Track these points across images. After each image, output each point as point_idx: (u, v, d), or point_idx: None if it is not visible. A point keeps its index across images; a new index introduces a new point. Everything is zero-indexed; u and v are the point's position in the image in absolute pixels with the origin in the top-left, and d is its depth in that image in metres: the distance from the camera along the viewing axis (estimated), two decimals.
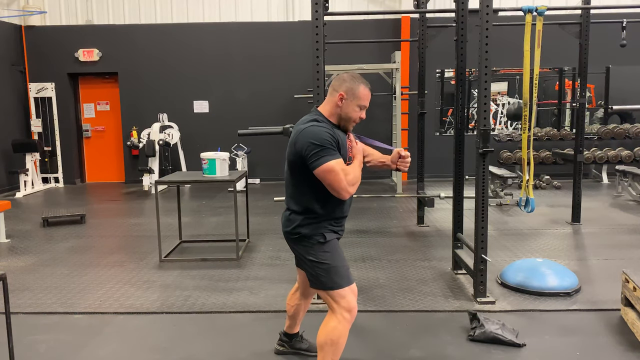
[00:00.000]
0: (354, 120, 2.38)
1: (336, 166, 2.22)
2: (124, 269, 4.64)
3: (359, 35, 9.03)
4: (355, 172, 2.32)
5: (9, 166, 9.23)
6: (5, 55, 9.44)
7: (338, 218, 2.46)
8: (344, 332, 2.37)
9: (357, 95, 2.34)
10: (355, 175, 2.30)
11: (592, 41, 5.73)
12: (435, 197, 5.84)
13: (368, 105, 2.37)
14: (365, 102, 2.35)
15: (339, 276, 2.38)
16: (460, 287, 3.98)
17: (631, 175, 7.43)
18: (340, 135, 2.37)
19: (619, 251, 4.90)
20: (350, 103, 2.34)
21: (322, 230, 2.40)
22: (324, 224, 2.41)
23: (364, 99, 2.35)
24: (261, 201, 7.72)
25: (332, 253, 2.40)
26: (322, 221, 2.41)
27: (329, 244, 2.41)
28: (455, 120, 4.39)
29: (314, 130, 2.26)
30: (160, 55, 9.93)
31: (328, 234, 2.41)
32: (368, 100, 2.36)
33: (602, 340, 3.07)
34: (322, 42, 3.61)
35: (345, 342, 2.41)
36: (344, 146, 2.36)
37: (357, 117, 2.38)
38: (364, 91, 2.34)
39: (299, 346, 2.96)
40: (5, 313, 2.50)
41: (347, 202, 2.47)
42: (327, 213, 2.40)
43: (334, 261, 2.39)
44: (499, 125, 11.10)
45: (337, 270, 2.38)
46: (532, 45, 3.77)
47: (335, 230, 2.47)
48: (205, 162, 4.97)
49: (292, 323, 2.91)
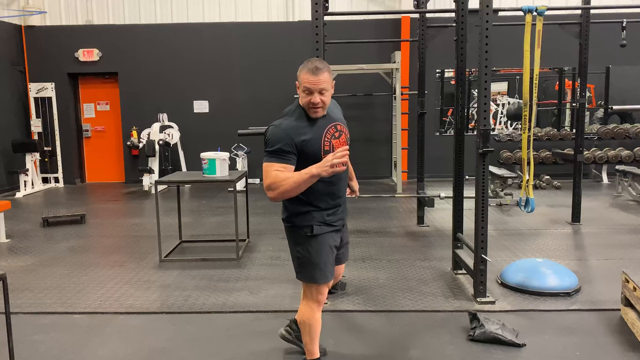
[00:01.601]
0: (307, 106, 2.33)
1: (268, 168, 2.28)
2: (124, 269, 4.64)
3: (359, 35, 9.03)
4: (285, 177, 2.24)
5: (9, 166, 9.23)
6: (5, 55, 9.44)
7: (327, 209, 2.46)
8: (312, 316, 2.54)
9: (300, 80, 2.33)
10: (281, 181, 2.23)
11: (592, 41, 5.72)
12: (435, 197, 5.84)
13: (316, 88, 2.27)
14: (308, 84, 2.27)
15: (318, 272, 2.46)
16: (460, 287, 3.98)
17: (631, 175, 7.43)
18: (308, 129, 2.34)
19: (619, 251, 4.90)
20: (299, 90, 2.34)
21: (312, 221, 2.43)
22: (314, 214, 2.43)
23: (305, 82, 2.29)
24: (261, 201, 7.72)
25: (317, 249, 2.44)
26: (311, 211, 2.43)
27: (317, 239, 2.44)
28: (455, 120, 4.39)
29: (271, 131, 2.34)
30: (160, 55, 9.93)
31: (317, 227, 2.43)
32: (311, 83, 2.27)
33: (602, 340, 3.07)
34: (322, 42, 3.61)
35: (318, 326, 2.58)
36: (314, 138, 2.34)
37: (307, 102, 2.31)
38: (304, 75, 2.30)
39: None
40: (5, 313, 2.50)
41: (332, 193, 2.46)
42: (310, 202, 2.42)
43: (317, 258, 2.45)
44: (499, 125, 11.09)
45: (319, 267, 2.45)
46: (532, 45, 3.78)
47: (329, 222, 2.47)
48: (205, 162, 4.97)
49: None
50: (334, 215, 2.50)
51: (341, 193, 2.54)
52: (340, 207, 2.54)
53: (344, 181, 2.55)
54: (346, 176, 2.59)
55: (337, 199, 2.51)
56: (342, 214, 2.57)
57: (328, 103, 2.38)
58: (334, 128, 2.45)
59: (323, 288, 2.52)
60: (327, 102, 2.36)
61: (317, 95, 2.29)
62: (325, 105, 2.36)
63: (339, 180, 2.47)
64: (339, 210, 2.54)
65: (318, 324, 2.57)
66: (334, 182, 2.43)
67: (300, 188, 2.25)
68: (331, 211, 2.48)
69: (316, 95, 2.29)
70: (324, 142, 2.38)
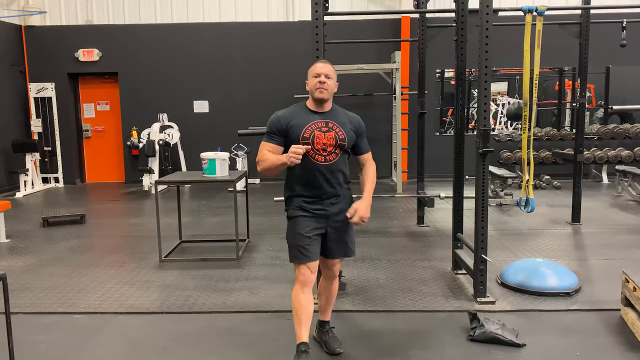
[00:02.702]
0: (315, 86, 2.69)
1: (261, 146, 2.75)
2: (124, 269, 4.64)
3: (359, 35, 9.02)
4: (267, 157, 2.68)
5: (9, 166, 9.23)
6: (5, 55, 9.44)
7: (306, 196, 2.72)
8: (295, 297, 2.74)
9: (310, 72, 2.74)
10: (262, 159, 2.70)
11: (592, 41, 5.73)
12: (435, 197, 5.84)
13: (323, 72, 2.69)
14: (317, 70, 2.70)
15: (291, 251, 2.75)
16: (460, 287, 3.98)
17: (631, 175, 7.44)
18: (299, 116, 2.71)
19: (619, 251, 4.90)
20: (309, 79, 2.74)
21: (292, 205, 2.77)
22: (293, 199, 2.77)
23: (315, 70, 2.72)
24: (261, 201, 7.72)
25: (291, 230, 2.76)
26: (292, 196, 2.78)
27: (292, 221, 2.76)
28: (455, 120, 4.38)
29: (270, 117, 2.78)
30: (160, 55, 9.93)
31: (294, 211, 2.75)
32: (320, 69, 2.70)
33: (602, 340, 3.07)
34: (322, 42, 3.61)
35: (300, 306, 2.72)
36: (299, 125, 2.68)
37: (315, 83, 2.69)
38: (314, 66, 2.75)
39: (320, 337, 3.04)
40: (5, 313, 2.50)
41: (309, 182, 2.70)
42: (292, 188, 2.77)
43: (291, 238, 2.75)
44: (499, 125, 11.10)
45: (293, 246, 2.74)
46: (532, 45, 3.78)
47: (305, 208, 2.72)
48: (205, 162, 4.97)
49: (321, 309, 3.05)
50: (313, 204, 2.73)
51: (322, 186, 2.71)
52: (323, 199, 2.73)
53: (328, 175, 2.71)
54: (331, 172, 2.71)
55: (317, 189, 2.71)
56: (325, 205, 2.73)
57: (332, 89, 2.70)
58: (325, 123, 2.71)
59: (300, 268, 2.73)
60: (331, 88, 2.70)
61: (324, 76, 2.68)
62: (329, 89, 2.69)
63: (314, 172, 2.69)
64: (322, 201, 2.73)
65: (301, 306, 2.72)
66: (309, 172, 2.69)
67: (276, 168, 2.66)
68: (310, 200, 2.73)
69: (323, 76, 2.68)
70: (307, 129, 2.68)
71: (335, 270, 2.92)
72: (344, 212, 2.75)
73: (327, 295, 3.00)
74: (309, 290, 2.74)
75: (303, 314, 2.71)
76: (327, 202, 2.74)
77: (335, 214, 2.76)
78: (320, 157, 2.68)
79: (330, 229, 2.77)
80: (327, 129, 2.69)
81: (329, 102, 2.75)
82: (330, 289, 2.99)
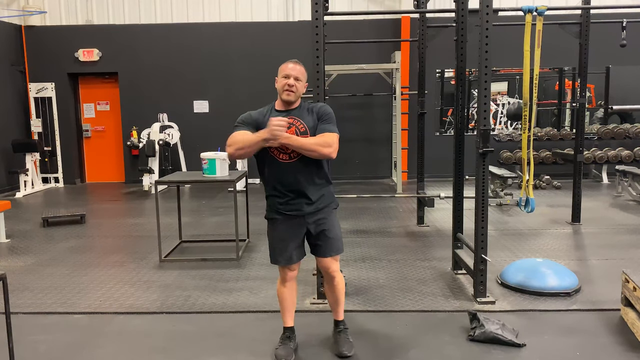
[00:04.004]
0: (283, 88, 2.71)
1: (231, 135, 2.72)
2: (124, 269, 4.64)
3: (359, 35, 9.02)
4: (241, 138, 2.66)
5: (9, 166, 9.22)
6: (5, 55, 9.44)
7: (279, 197, 2.75)
8: (278, 289, 2.96)
9: (279, 71, 2.77)
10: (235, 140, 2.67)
11: (592, 41, 5.73)
12: (435, 197, 5.84)
13: (292, 74, 2.70)
14: (287, 71, 2.72)
15: (271, 254, 2.87)
16: (460, 287, 3.98)
17: (631, 175, 7.43)
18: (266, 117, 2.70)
19: (619, 251, 4.90)
20: (278, 78, 2.76)
21: (268, 206, 2.84)
22: (270, 199, 2.82)
23: (284, 70, 2.74)
24: (261, 201, 7.63)
25: (270, 232, 2.87)
26: (268, 196, 2.83)
27: (269, 223, 2.86)
28: (455, 120, 4.38)
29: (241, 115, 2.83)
30: (160, 55, 9.93)
31: (269, 213, 2.83)
32: (290, 70, 2.72)
33: (602, 340, 3.07)
34: (322, 42, 3.61)
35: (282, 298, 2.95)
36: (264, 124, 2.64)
37: (284, 84, 2.71)
38: (284, 66, 2.76)
39: (334, 337, 3.04)
40: (5, 313, 2.50)
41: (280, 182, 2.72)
42: (267, 189, 2.81)
43: (269, 240, 2.88)
44: (499, 125, 11.09)
45: (270, 249, 2.87)
46: (532, 45, 3.77)
47: (280, 210, 2.77)
48: (205, 162, 4.97)
49: (331, 308, 3.09)
50: (286, 205, 2.75)
51: (292, 185, 2.71)
52: (295, 199, 2.74)
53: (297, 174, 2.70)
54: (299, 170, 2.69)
55: (287, 189, 2.72)
56: (298, 205, 2.74)
57: (300, 91, 2.74)
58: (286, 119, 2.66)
59: (280, 269, 2.89)
60: (299, 90, 2.73)
61: (293, 79, 2.70)
62: (297, 91, 2.72)
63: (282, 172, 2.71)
64: (294, 201, 2.74)
65: (284, 298, 2.94)
66: (277, 172, 2.71)
67: (251, 147, 2.62)
68: (283, 200, 2.75)
69: (292, 79, 2.70)
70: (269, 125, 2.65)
71: (332, 270, 2.89)
72: (321, 211, 2.77)
73: (332, 294, 3.00)
74: (291, 283, 2.93)
75: (285, 302, 2.95)
76: (300, 202, 2.74)
77: (311, 214, 2.76)
78: (285, 156, 2.69)
79: (311, 229, 2.78)
80: (289, 126, 2.65)
81: (297, 101, 2.78)
82: (334, 290, 2.97)
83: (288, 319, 2.99)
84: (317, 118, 2.73)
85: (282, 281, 2.92)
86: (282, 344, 2.94)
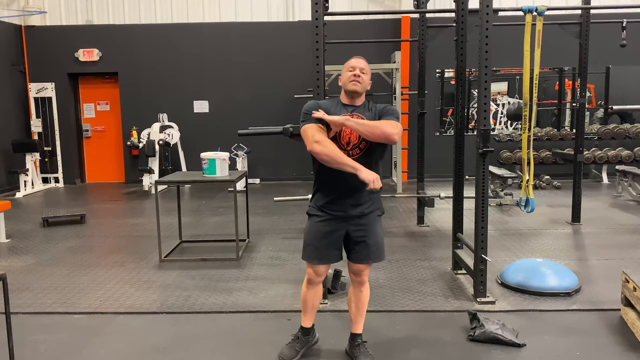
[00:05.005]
0: (349, 80, 2.68)
1: (308, 128, 2.63)
2: (124, 269, 4.64)
3: (359, 35, 9.02)
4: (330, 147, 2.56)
5: (9, 166, 9.22)
6: (5, 55, 9.44)
7: (327, 196, 2.69)
8: (303, 290, 2.91)
9: (345, 67, 2.75)
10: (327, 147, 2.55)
11: (592, 41, 5.73)
12: (435, 197, 5.84)
13: (357, 66, 2.68)
14: (352, 64, 2.70)
15: (304, 250, 2.79)
16: (460, 287, 3.98)
17: (631, 175, 7.43)
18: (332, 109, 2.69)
19: (619, 251, 4.90)
20: (343, 73, 2.74)
21: (314, 202, 2.78)
22: (317, 196, 2.75)
23: (350, 64, 2.72)
24: (261, 201, 7.72)
25: (307, 229, 2.80)
26: (317, 193, 2.76)
27: (309, 220, 2.80)
28: (455, 120, 4.38)
29: (306, 104, 2.74)
30: (160, 55, 9.93)
31: (312, 209, 2.77)
32: (355, 63, 2.70)
33: (602, 340, 3.07)
34: (322, 42, 3.61)
35: (304, 299, 2.90)
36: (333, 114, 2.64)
37: (349, 76, 2.68)
38: (349, 61, 2.73)
39: (351, 351, 2.90)
40: (5, 313, 2.50)
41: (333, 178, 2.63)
42: (317, 184, 2.75)
43: (305, 236, 2.80)
44: (499, 125, 11.09)
45: (305, 244, 2.78)
46: (532, 45, 3.77)
47: (324, 209, 2.71)
48: (205, 162, 4.97)
49: (352, 318, 2.94)
50: (331, 204, 2.70)
51: (343, 184, 2.63)
52: (343, 199, 2.68)
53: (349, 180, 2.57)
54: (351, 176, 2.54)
55: (338, 187, 2.66)
56: (345, 206, 2.68)
57: (365, 84, 2.69)
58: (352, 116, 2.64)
59: (309, 266, 2.81)
60: (365, 83, 2.69)
61: (359, 70, 2.68)
62: (363, 83, 2.67)
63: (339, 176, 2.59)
64: (342, 201, 2.68)
65: (306, 299, 2.90)
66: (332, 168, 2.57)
67: (334, 162, 2.53)
68: (329, 198, 2.70)
69: (358, 69, 2.68)
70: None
71: (363, 275, 2.81)
72: (367, 216, 2.70)
73: (356, 302, 2.87)
74: (314, 286, 2.87)
75: (306, 304, 2.92)
76: (348, 203, 2.67)
77: (356, 217, 2.69)
78: (344, 153, 2.59)
79: (351, 232, 2.70)
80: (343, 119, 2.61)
81: (362, 97, 2.72)
82: (359, 296, 2.86)
83: (306, 318, 2.95)
84: (379, 115, 2.69)
85: (307, 282, 2.87)
86: (289, 344, 2.93)
